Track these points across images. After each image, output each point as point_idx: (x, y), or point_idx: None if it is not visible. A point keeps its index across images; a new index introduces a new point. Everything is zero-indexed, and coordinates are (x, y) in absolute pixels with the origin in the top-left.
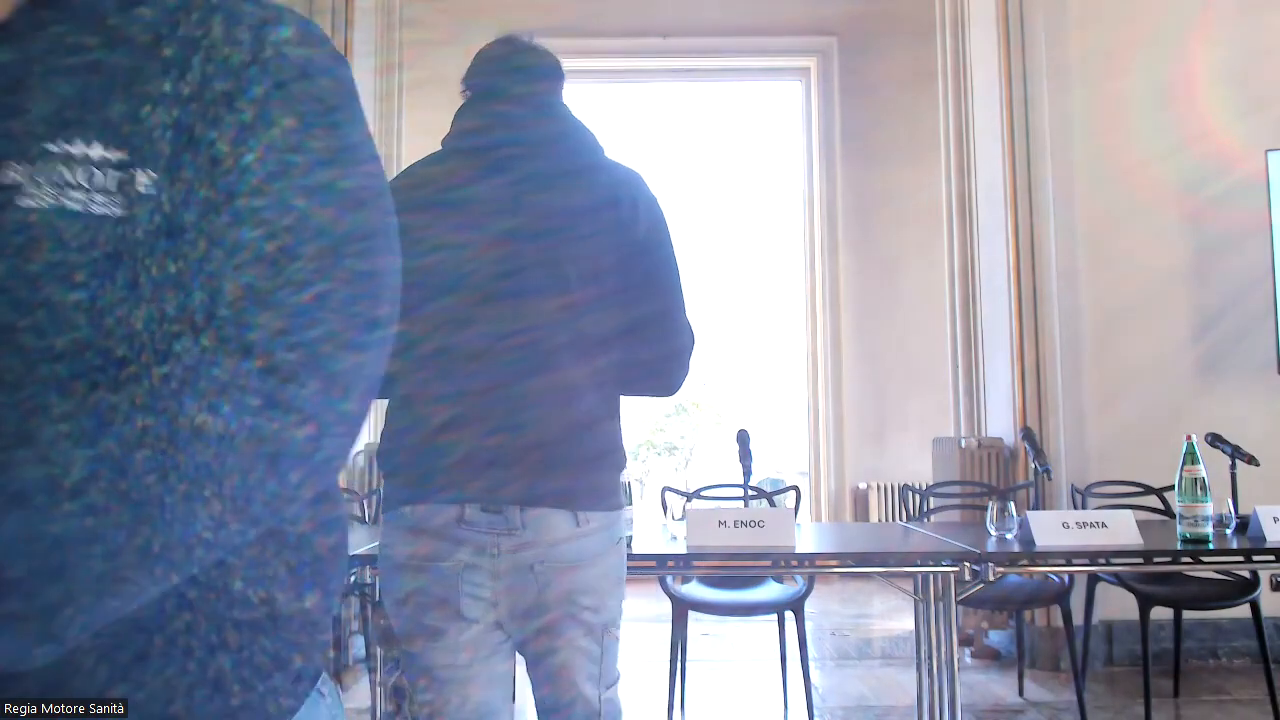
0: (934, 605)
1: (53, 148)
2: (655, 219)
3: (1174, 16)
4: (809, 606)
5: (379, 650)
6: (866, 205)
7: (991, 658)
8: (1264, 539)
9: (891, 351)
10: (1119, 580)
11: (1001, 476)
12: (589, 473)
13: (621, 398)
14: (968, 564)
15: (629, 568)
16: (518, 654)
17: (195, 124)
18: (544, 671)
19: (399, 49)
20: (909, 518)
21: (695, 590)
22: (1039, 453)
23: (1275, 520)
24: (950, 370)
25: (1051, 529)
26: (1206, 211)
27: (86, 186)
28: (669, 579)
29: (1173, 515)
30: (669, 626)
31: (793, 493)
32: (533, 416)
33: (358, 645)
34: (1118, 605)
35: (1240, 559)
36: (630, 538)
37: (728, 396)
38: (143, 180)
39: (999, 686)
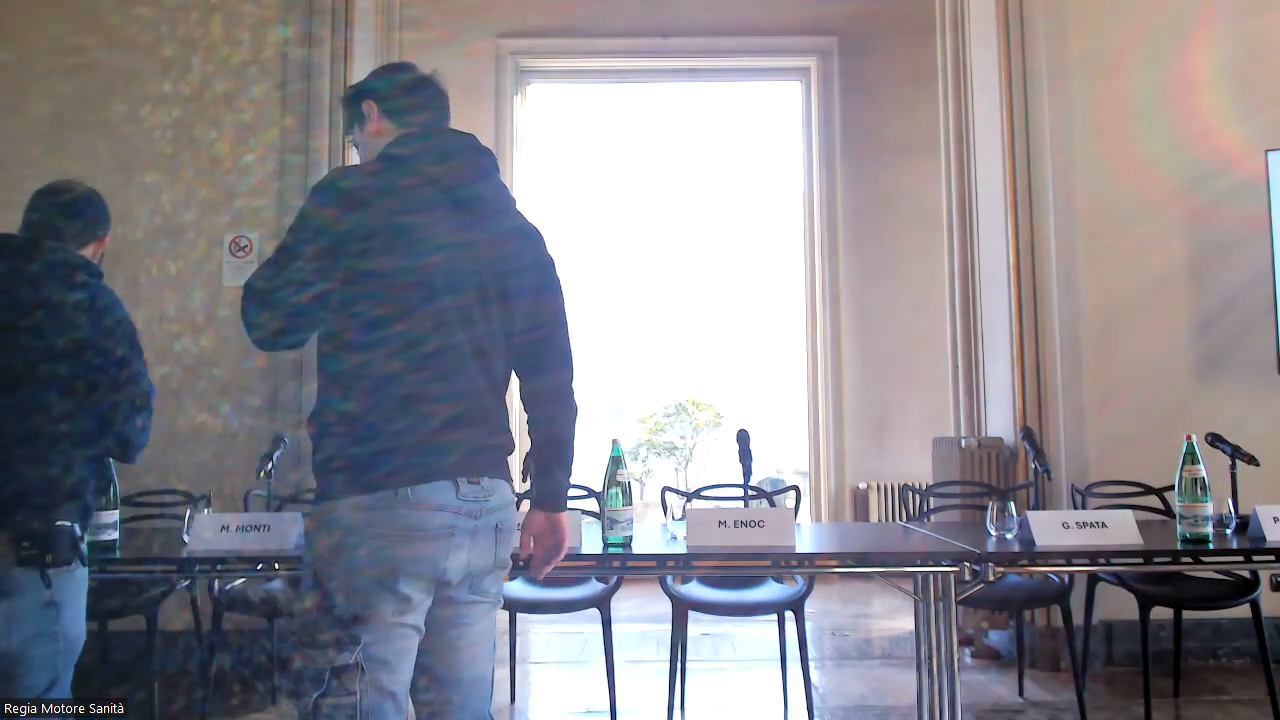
0: (934, 605)
1: None
2: None
3: (1173, 16)
4: (809, 606)
5: None
6: (866, 205)
7: (991, 658)
8: (1264, 539)
9: (891, 352)
10: (1119, 580)
11: (1001, 476)
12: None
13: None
14: (968, 564)
15: (630, 568)
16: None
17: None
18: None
19: (399, 49)
20: (909, 518)
21: (695, 590)
22: (1039, 453)
23: (1275, 520)
24: (950, 370)
25: (1051, 529)
26: (1206, 211)
27: None
28: (669, 579)
29: (1173, 515)
30: (669, 626)
31: (793, 493)
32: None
33: None
34: (1118, 605)
35: (1240, 559)
36: (631, 538)
37: (728, 396)
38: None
39: (999, 686)
